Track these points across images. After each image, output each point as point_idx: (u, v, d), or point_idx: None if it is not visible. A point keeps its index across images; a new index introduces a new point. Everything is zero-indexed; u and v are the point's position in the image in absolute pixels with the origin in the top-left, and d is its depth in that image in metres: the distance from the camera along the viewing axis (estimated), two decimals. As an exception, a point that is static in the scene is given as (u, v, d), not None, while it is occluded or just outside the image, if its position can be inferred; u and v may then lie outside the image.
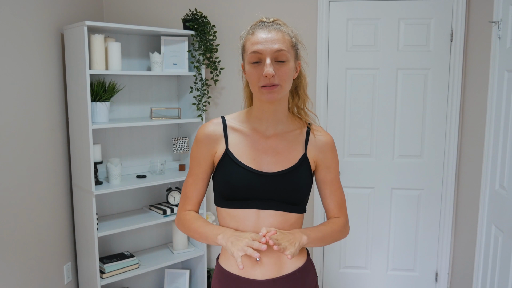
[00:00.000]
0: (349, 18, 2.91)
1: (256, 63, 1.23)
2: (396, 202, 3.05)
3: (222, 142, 1.34)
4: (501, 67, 2.26)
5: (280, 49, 1.22)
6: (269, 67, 1.20)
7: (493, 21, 2.34)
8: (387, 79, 2.94)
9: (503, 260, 2.15)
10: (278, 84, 1.23)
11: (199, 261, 3.05)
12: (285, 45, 1.23)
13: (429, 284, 3.09)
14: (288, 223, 1.31)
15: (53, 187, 2.53)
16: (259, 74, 1.22)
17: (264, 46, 1.21)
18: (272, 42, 1.21)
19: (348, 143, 3.03)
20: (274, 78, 1.21)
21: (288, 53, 1.23)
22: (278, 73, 1.22)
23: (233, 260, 1.34)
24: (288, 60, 1.24)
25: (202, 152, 1.36)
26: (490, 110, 2.37)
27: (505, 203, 2.16)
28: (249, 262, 1.31)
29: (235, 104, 2.98)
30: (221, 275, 1.38)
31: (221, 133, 1.35)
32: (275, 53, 1.21)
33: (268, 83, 1.22)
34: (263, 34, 1.23)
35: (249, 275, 1.32)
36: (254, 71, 1.23)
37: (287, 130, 1.36)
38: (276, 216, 1.29)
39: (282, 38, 1.23)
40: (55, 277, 2.55)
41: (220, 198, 1.33)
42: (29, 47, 2.31)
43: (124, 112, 2.91)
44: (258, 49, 1.22)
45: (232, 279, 1.34)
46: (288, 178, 1.30)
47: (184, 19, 2.85)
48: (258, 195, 1.29)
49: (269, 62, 1.21)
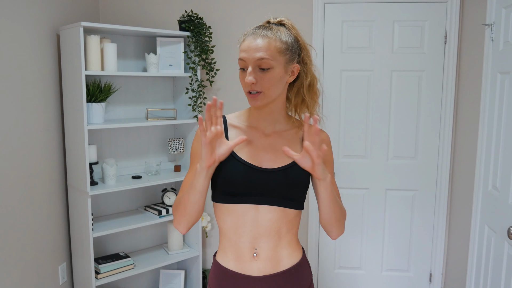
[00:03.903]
0: (344, 20, 2.93)
1: (243, 69, 1.28)
2: (391, 203, 3.07)
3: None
4: (494, 69, 2.28)
5: (262, 58, 1.24)
6: (250, 75, 1.24)
7: (486, 23, 2.36)
8: (382, 81, 2.96)
9: (496, 260, 2.17)
10: (261, 91, 1.26)
11: (194, 262, 3.05)
12: (269, 52, 1.25)
13: (423, 284, 3.11)
14: (287, 219, 1.33)
15: (48, 188, 2.53)
16: (245, 81, 1.27)
17: (247, 54, 1.25)
18: (255, 50, 1.24)
19: (342, 144, 3.05)
20: (255, 85, 1.25)
21: (273, 61, 1.25)
22: (260, 81, 1.26)
23: (230, 257, 1.35)
24: (272, 67, 1.26)
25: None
26: (483, 112, 2.40)
27: (497, 204, 2.18)
28: (246, 258, 1.32)
29: (230, 105, 2.99)
30: (218, 271, 1.39)
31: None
32: (257, 61, 1.25)
33: (250, 89, 1.26)
34: (248, 42, 1.27)
35: (246, 271, 1.33)
36: (241, 77, 1.29)
37: (285, 129, 1.39)
38: (274, 212, 1.31)
39: (267, 46, 1.25)
40: (50, 277, 2.55)
41: (219, 194, 1.34)
42: (24, 48, 2.31)
43: (120, 112, 2.91)
44: (242, 57, 1.26)
45: (229, 275, 1.35)
46: (287, 174, 1.32)
47: (180, 20, 2.86)
48: (256, 191, 1.30)
49: (250, 70, 1.25)
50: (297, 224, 1.38)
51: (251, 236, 1.31)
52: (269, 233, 1.31)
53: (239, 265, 1.33)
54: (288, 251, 1.36)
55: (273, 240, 1.32)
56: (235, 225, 1.32)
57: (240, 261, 1.33)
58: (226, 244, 1.36)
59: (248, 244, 1.32)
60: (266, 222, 1.31)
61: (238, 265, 1.34)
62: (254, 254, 1.28)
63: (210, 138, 1.19)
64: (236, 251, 1.34)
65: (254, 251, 1.32)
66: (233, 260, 1.34)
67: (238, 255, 1.34)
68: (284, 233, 1.34)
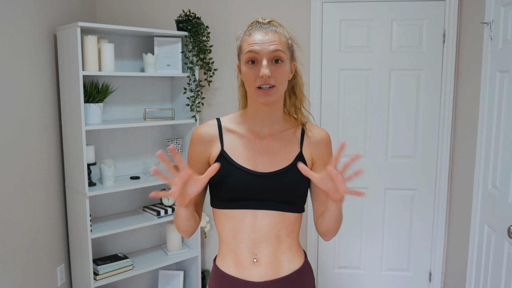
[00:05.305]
0: (342, 19, 2.92)
1: (252, 63, 1.24)
2: (390, 202, 3.06)
3: (217, 143, 1.34)
4: (493, 68, 2.27)
5: (277, 49, 1.23)
6: (266, 68, 1.21)
7: (485, 22, 2.36)
8: (380, 80, 2.95)
9: (496, 259, 2.16)
10: (273, 86, 1.23)
11: (193, 262, 3.04)
12: (282, 46, 1.24)
13: (422, 284, 3.11)
14: (286, 223, 1.31)
15: (46, 189, 2.52)
16: (256, 75, 1.23)
17: (261, 47, 1.22)
18: (269, 43, 1.23)
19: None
20: (270, 79, 1.22)
21: (284, 54, 1.25)
22: (274, 74, 1.23)
23: (230, 262, 1.34)
24: (284, 61, 1.25)
25: (197, 152, 1.35)
26: (482, 111, 2.39)
27: (497, 203, 2.17)
28: (246, 264, 1.31)
29: (228, 105, 2.98)
30: (218, 276, 1.37)
31: (216, 134, 1.35)
32: (272, 54, 1.22)
33: (264, 83, 1.22)
34: (260, 36, 1.24)
35: (246, 276, 1.31)
36: (251, 71, 1.24)
37: (282, 130, 1.36)
38: (273, 216, 1.29)
39: (279, 40, 1.24)
40: (48, 279, 2.53)
41: (216, 199, 1.33)
42: (21, 48, 2.29)
43: (118, 113, 2.90)
44: (255, 49, 1.23)
45: (229, 280, 1.34)
46: (284, 177, 1.30)
47: (178, 20, 2.85)
48: (254, 196, 1.28)
49: (265, 63, 1.21)
50: (297, 228, 1.36)
51: (250, 241, 1.29)
52: (268, 238, 1.29)
53: (239, 271, 1.32)
54: (289, 256, 1.34)
55: (273, 245, 1.30)
56: (234, 231, 1.31)
57: (240, 266, 1.31)
58: (226, 249, 1.35)
59: (247, 250, 1.30)
60: (265, 227, 1.29)
61: (238, 271, 1.32)
62: (254, 259, 1.26)
63: (181, 187, 1.18)
64: (236, 256, 1.32)
65: (254, 256, 1.30)
66: (233, 266, 1.33)
67: (238, 261, 1.32)
68: (284, 237, 1.32)
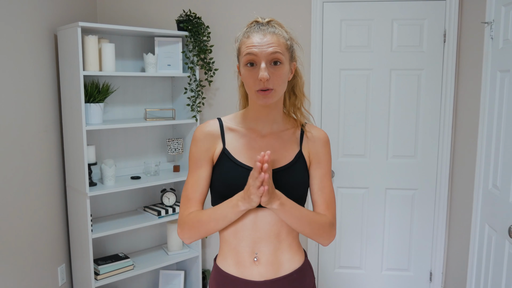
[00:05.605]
0: (342, 19, 2.92)
1: (251, 66, 1.24)
2: (390, 202, 3.06)
3: (219, 141, 1.35)
4: (493, 68, 2.27)
5: (275, 52, 1.22)
6: (264, 71, 1.21)
7: (485, 22, 2.35)
8: (381, 80, 2.95)
9: (497, 259, 2.16)
10: (272, 89, 1.24)
11: (194, 262, 3.04)
12: (280, 48, 1.24)
13: (423, 283, 3.11)
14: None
15: (47, 189, 2.52)
16: (255, 78, 1.23)
17: (259, 49, 1.22)
18: (267, 45, 1.22)
19: (342, 143, 3.04)
20: (268, 82, 1.22)
21: (283, 56, 1.24)
22: (272, 77, 1.23)
23: (230, 261, 1.34)
24: (283, 62, 1.24)
25: (201, 150, 1.35)
26: (483, 110, 2.39)
27: (498, 203, 2.17)
28: (247, 263, 1.31)
29: (229, 105, 2.98)
30: (218, 276, 1.38)
31: (218, 132, 1.36)
32: (270, 56, 1.22)
33: (263, 87, 1.22)
34: (258, 38, 1.23)
35: (246, 276, 1.31)
36: (250, 74, 1.24)
37: (282, 129, 1.37)
38: (274, 214, 1.29)
39: (277, 41, 1.24)
40: (49, 279, 2.54)
41: (218, 197, 1.33)
42: (22, 48, 2.30)
43: (118, 113, 2.90)
44: (253, 52, 1.22)
45: (229, 280, 1.34)
46: (285, 175, 1.30)
47: (178, 20, 2.85)
48: None
49: (264, 66, 1.21)
50: None
51: (250, 240, 1.30)
52: (268, 236, 1.30)
53: (240, 270, 1.32)
54: (289, 255, 1.34)
55: (273, 243, 1.30)
56: (234, 229, 1.31)
57: (241, 265, 1.32)
58: (226, 248, 1.35)
59: (248, 249, 1.30)
60: (265, 225, 1.29)
61: (238, 270, 1.32)
62: (254, 258, 1.26)
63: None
64: (236, 255, 1.32)
65: (254, 255, 1.30)
66: (233, 265, 1.33)
67: (238, 260, 1.32)
68: (284, 236, 1.32)
